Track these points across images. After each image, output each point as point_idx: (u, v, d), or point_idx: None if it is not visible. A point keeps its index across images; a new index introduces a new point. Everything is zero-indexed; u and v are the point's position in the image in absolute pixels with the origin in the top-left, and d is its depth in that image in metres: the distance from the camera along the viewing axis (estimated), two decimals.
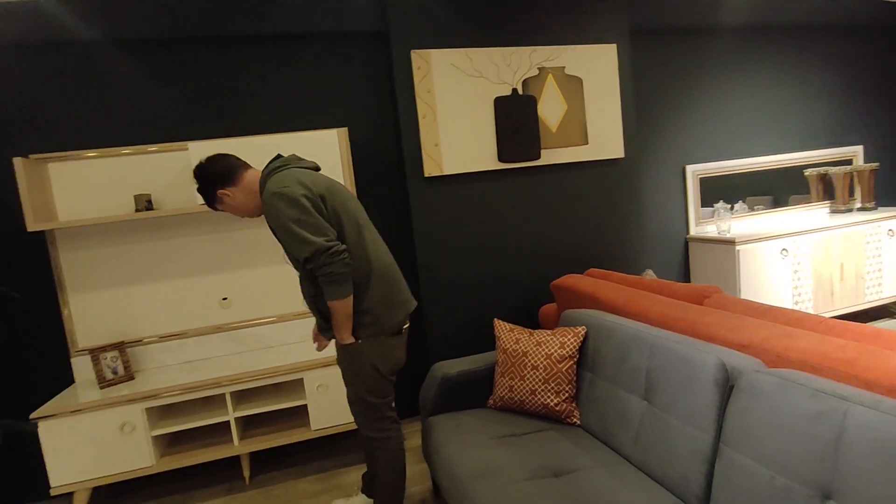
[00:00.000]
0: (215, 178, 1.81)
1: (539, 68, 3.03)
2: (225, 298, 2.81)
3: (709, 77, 3.69)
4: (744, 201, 3.88)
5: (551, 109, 3.07)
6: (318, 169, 1.93)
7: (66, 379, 2.67)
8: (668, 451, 1.50)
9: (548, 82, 3.05)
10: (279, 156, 1.86)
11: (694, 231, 3.73)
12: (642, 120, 3.55)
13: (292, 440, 2.56)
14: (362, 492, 2.25)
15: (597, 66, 3.12)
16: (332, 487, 2.50)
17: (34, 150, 2.56)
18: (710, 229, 3.74)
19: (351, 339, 1.79)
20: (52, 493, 2.30)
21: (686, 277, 3.75)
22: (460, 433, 1.91)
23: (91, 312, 2.66)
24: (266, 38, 2.78)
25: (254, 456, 2.86)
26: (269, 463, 2.80)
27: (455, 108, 2.90)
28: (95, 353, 2.51)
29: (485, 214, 2.99)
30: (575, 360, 1.99)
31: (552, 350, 1.99)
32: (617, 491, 1.47)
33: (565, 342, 1.99)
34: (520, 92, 3.00)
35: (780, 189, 3.97)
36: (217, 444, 2.54)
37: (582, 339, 2.00)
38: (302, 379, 2.61)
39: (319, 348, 2.04)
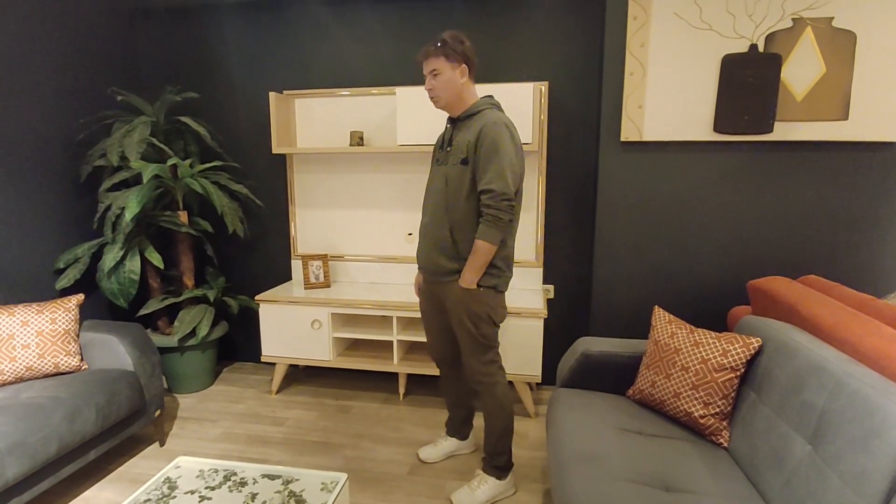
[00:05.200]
0: (463, 51, 1.85)
1: (794, 19, 2.44)
2: (410, 234, 3.09)
3: None
4: None
5: (801, 72, 2.47)
6: None
7: (286, 275, 3.32)
8: None
9: (803, 37, 2.45)
10: (492, 97, 1.95)
11: None
12: None
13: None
14: (448, 434, 2.40)
15: (883, 17, 2.37)
16: None
17: (287, 87, 3.12)
18: None
19: (474, 285, 1.88)
20: (262, 359, 2.94)
21: None
22: (583, 412, 1.82)
23: (308, 226, 3.22)
24: None
25: (410, 378, 3.18)
26: (422, 387, 3.08)
27: (670, 66, 2.55)
28: (305, 259, 3.04)
29: (684, 191, 2.62)
30: (738, 373, 1.68)
31: (710, 355, 1.71)
32: None
33: (730, 351, 1.69)
34: (760, 49, 2.48)
35: None
36: (382, 359, 2.89)
37: (753, 352, 1.67)
38: None
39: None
